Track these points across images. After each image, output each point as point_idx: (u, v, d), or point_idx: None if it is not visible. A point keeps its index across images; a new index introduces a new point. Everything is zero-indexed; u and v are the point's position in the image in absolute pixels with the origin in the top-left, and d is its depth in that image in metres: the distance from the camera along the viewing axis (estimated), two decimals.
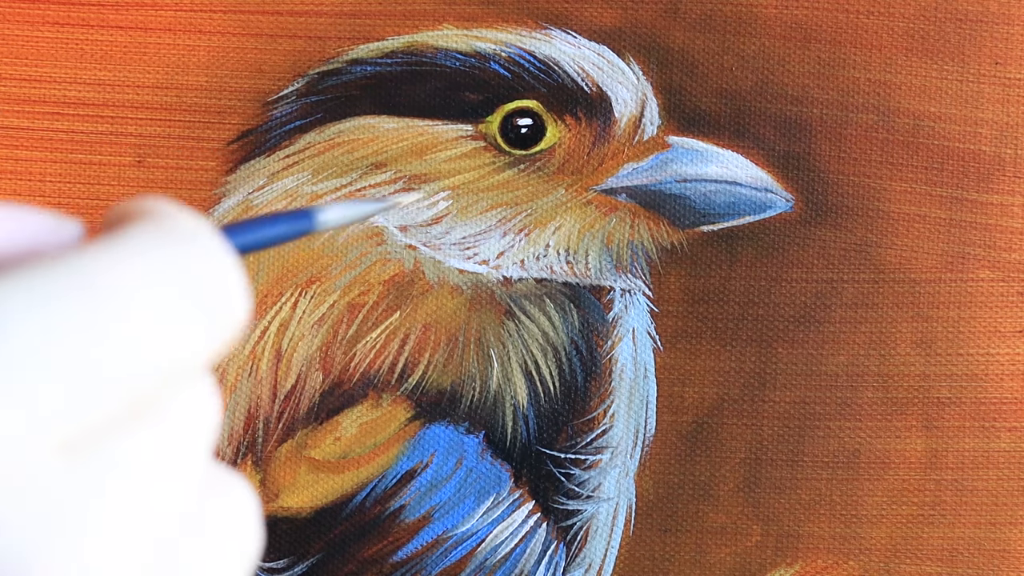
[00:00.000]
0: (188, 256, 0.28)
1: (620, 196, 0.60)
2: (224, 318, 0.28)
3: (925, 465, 0.60)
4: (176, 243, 0.28)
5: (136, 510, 0.27)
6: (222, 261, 0.28)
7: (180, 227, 0.28)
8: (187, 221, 0.28)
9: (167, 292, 0.27)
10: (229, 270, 0.28)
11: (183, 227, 0.28)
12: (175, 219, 0.28)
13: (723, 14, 0.60)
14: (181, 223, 0.28)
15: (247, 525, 0.29)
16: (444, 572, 0.59)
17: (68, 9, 0.61)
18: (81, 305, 0.26)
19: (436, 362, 0.59)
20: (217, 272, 0.28)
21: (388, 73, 0.60)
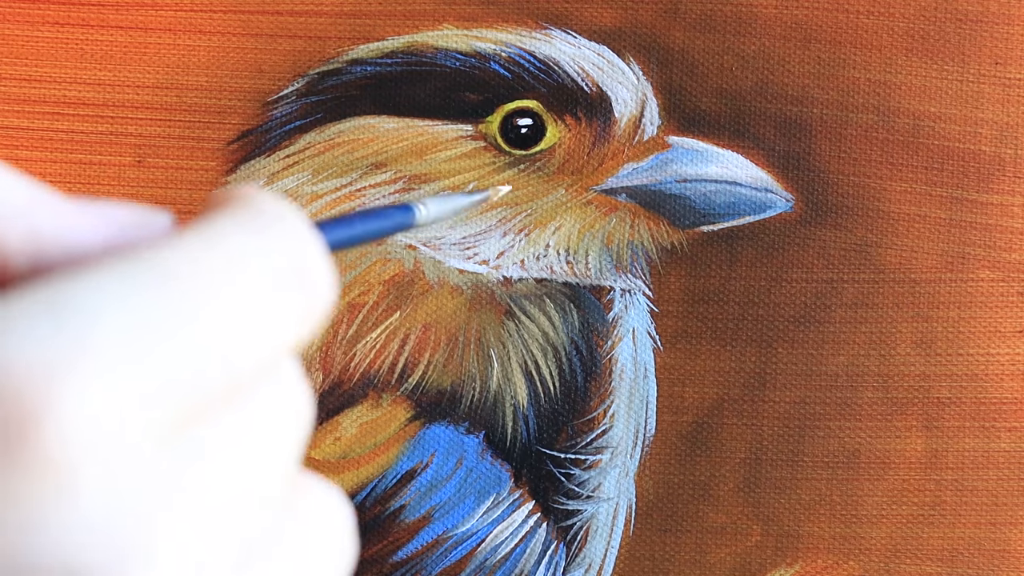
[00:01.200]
0: (278, 240, 0.28)
1: (620, 196, 0.60)
2: (312, 302, 0.28)
3: (925, 465, 0.60)
4: (266, 227, 0.28)
5: (226, 498, 0.27)
6: (310, 245, 0.29)
7: (269, 211, 0.29)
8: (275, 205, 0.29)
9: (258, 276, 0.27)
10: (316, 254, 0.29)
11: (272, 211, 0.29)
12: (264, 204, 0.29)
13: (723, 14, 0.60)
14: (269, 207, 0.29)
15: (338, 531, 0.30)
16: (444, 572, 0.59)
17: (68, 9, 0.61)
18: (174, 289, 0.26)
19: (436, 362, 0.59)
20: (305, 256, 0.28)
21: (388, 73, 0.60)
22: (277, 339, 0.28)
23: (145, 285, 0.26)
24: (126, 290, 0.26)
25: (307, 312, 0.28)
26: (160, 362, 0.26)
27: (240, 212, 0.28)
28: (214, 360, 0.27)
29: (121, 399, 0.25)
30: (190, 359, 0.26)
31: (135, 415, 0.26)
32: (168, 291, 0.26)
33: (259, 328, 0.27)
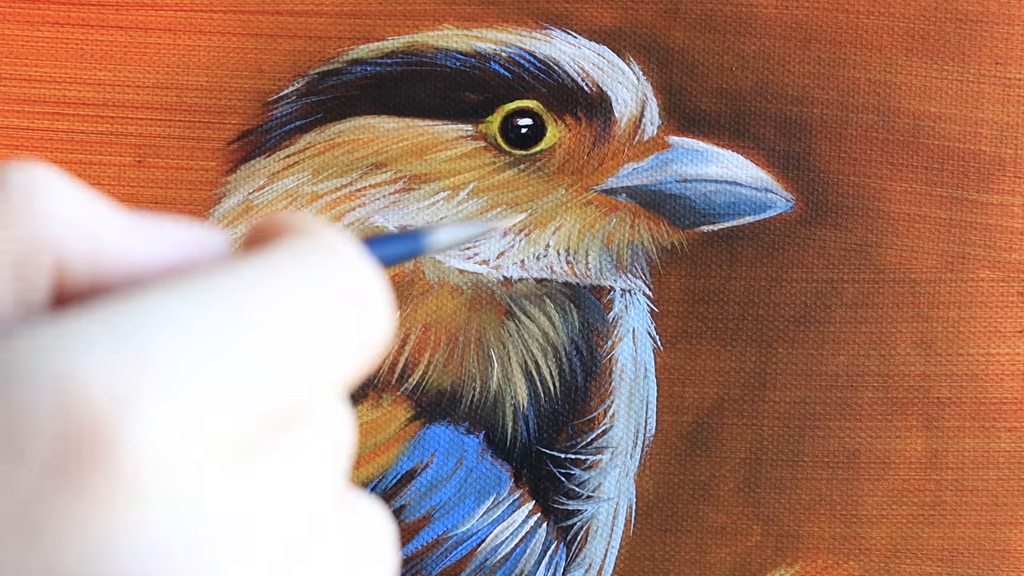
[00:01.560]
0: (338, 267, 0.28)
1: (620, 196, 0.60)
2: (370, 329, 0.29)
3: (925, 465, 0.60)
4: (325, 254, 0.29)
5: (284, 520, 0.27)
6: (371, 275, 0.29)
7: (327, 240, 0.29)
8: (332, 234, 0.29)
9: (318, 302, 0.28)
10: (378, 283, 0.29)
11: (330, 240, 0.29)
12: (321, 232, 0.29)
13: (723, 14, 0.60)
14: (327, 236, 0.29)
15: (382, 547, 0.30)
16: (444, 572, 0.59)
17: (68, 9, 0.61)
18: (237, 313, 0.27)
19: (436, 362, 0.59)
20: (367, 285, 0.29)
21: (388, 73, 0.60)
22: (335, 367, 0.28)
23: (208, 307, 0.26)
24: (189, 311, 0.26)
25: (366, 339, 0.29)
26: (223, 384, 0.26)
27: (298, 239, 0.29)
28: (274, 385, 0.27)
29: (187, 421, 0.26)
30: (251, 383, 0.26)
31: (202, 437, 0.26)
32: (231, 314, 0.26)
33: (318, 355, 0.28)
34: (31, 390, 0.25)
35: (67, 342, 0.25)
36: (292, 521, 0.27)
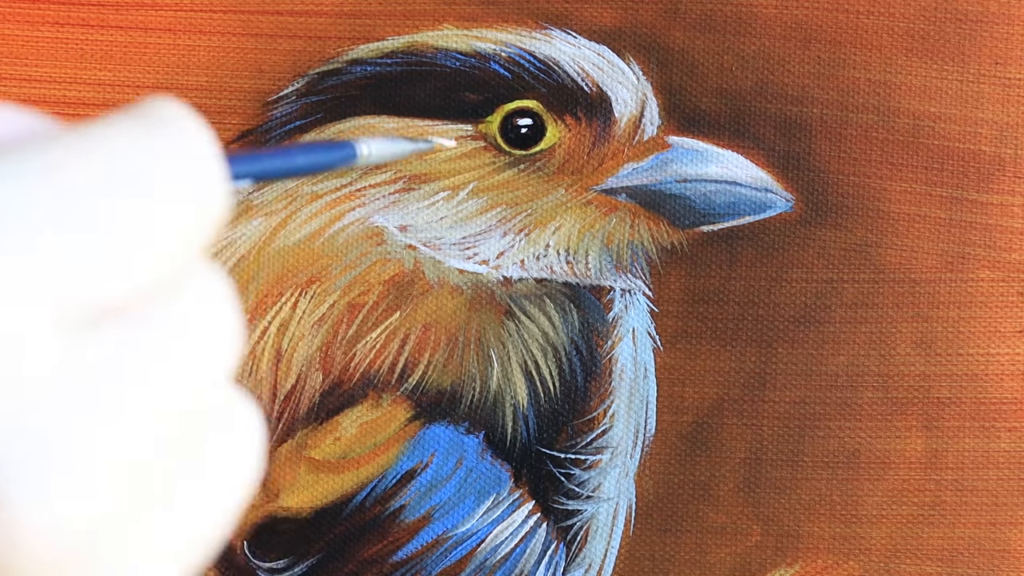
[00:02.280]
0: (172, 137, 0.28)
1: (620, 196, 0.60)
2: (206, 202, 0.28)
3: (925, 465, 0.60)
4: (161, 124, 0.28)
5: (145, 402, 0.26)
6: (204, 146, 0.28)
7: (166, 112, 0.28)
8: (173, 108, 0.29)
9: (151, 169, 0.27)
10: (210, 155, 0.28)
11: (169, 113, 0.28)
12: (162, 107, 0.29)
13: (723, 14, 0.60)
14: (167, 110, 0.28)
15: (250, 450, 0.29)
16: (444, 572, 0.59)
17: (68, 9, 0.61)
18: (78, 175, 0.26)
19: (436, 362, 0.59)
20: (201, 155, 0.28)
21: (388, 73, 0.60)
22: (176, 236, 0.27)
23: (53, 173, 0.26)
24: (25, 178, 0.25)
25: (200, 213, 0.28)
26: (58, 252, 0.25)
27: (137, 112, 0.28)
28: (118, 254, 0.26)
29: (24, 284, 0.25)
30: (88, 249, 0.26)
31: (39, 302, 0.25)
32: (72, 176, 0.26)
33: (156, 221, 0.27)
34: None
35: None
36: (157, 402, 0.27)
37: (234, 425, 0.29)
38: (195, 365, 0.28)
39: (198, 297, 0.28)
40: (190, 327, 0.28)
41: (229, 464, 0.29)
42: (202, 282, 0.28)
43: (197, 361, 0.28)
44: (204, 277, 0.28)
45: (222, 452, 0.29)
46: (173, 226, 0.27)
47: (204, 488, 0.28)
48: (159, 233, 0.27)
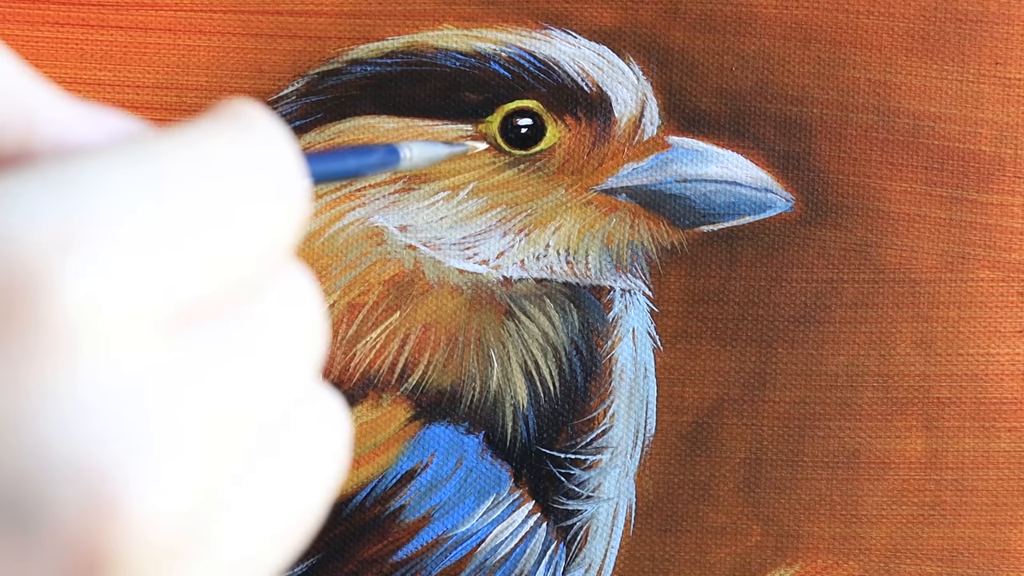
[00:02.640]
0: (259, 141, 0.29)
1: (620, 196, 0.60)
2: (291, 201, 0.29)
3: (925, 465, 0.60)
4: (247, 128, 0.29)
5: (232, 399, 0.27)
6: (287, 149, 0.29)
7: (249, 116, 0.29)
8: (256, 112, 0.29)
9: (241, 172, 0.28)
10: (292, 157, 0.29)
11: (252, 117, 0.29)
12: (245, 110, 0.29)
13: (723, 14, 0.60)
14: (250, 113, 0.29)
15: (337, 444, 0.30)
16: (444, 572, 0.59)
17: (68, 9, 0.61)
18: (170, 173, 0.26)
19: (436, 362, 0.59)
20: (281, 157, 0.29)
21: (388, 73, 0.60)
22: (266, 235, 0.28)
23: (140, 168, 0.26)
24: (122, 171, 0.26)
25: (288, 212, 0.29)
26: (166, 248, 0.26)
27: (222, 115, 0.29)
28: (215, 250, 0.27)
29: (131, 280, 0.25)
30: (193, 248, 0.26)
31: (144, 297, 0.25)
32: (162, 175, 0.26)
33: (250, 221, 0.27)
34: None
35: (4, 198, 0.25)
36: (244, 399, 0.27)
37: (322, 420, 0.29)
38: (286, 361, 0.28)
39: (286, 295, 0.29)
40: (280, 325, 0.28)
41: (317, 458, 0.29)
42: (289, 280, 0.29)
43: (288, 357, 0.28)
44: (291, 276, 0.29)
45: (310, 446, 0.29)
46: (263, 225, 0.28)
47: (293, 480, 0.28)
48: (250, 231, 0.28)
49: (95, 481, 0.25)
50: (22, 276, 0.24)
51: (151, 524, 0.25)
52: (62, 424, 0.24)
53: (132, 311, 0.25)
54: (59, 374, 0.25)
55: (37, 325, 0.24)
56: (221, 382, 0.27)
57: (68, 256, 0.25)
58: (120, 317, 0.25)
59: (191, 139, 0.28)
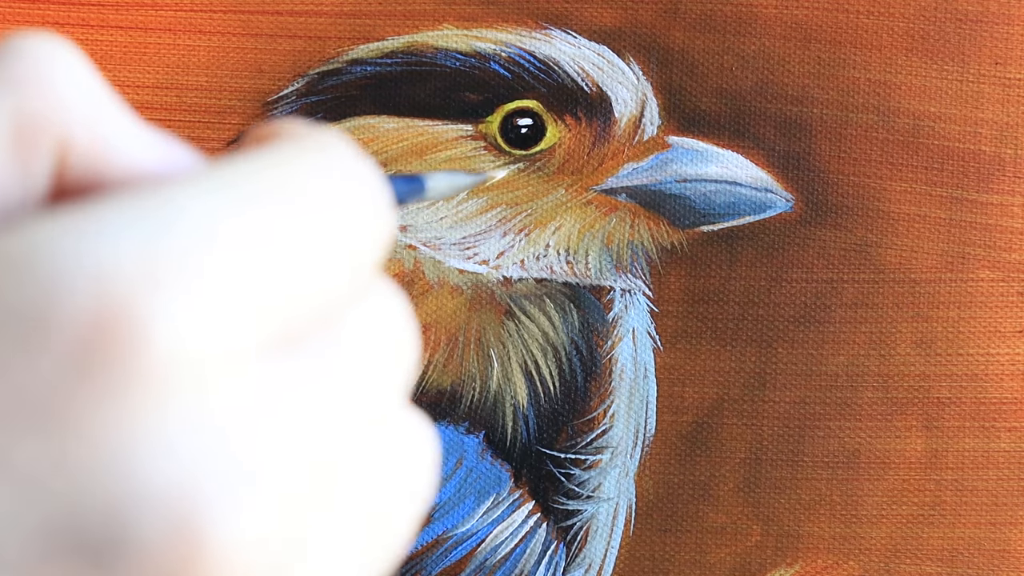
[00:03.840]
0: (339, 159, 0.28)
1: (620, 196, 0.60)
2: (379, 216, 0.28)
3: (925, 465, 0.60)
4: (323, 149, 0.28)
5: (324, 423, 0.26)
6: (365, 163, 0.29)
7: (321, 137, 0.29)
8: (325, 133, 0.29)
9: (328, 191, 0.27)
10: (372, 171, 0.29)
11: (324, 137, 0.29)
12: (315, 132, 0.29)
13: (723, 14, 0.60)
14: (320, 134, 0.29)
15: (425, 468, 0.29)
16: (444, 572, 0.59)
17: (68, 9, 0.61)
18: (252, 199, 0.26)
19: (436, 362, 0.59)
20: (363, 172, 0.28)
21: (388, 73, 0.60)
22: (356, 254, 0.28)
23: (223, 196, 0.26)
24: (207, 201, 0.25)
25: (377, 227, 0.28)
26: (255, 277, 0.25)
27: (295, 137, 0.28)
28: (304, 274, 0.26)
29: (221, 312, 0.25)
30: (283, 273, 0.26)
31: (233, 329, 0.25)
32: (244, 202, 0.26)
33: (339, 241, 0.27)
34: (54, 278, 0.24)
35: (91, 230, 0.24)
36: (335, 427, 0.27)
37: (409, 444, 0.29)
38: (376, 384, 0.28)
39: (375, 316, 0.28)
40: (370, 347, 0.28)
41: (405, 483, 0.29)
42: (378, 299, 0.29)
43: (378, 379, 0.28)
44: (380, 294, 0.29)
45: (398, 471, 0.28)
46: (349, 246, 0.27)
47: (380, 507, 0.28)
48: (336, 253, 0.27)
49: (183, 515, 0.24)
50: (110, 311, 0.24)
51: (238, 555, 0.25)
52: (152, 460, 0.24)
53: (222, 344, 0.25)
54: (149, 411, 0.24)
55: (127, 361, 0.24)
56: (310, 410, 0.26)
57: (157, 290, 0.24)
58: (210, 351, 0.25)
59: (269, 163, 0.27)
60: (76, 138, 0.27)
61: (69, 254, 0.24)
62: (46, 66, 0.27)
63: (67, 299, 0.24)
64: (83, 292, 0.24)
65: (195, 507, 0.24)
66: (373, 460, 0.28)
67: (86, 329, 0.24)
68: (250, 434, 0.25)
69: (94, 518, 0.24)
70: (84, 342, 0.24)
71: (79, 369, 0.24)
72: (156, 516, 0.24)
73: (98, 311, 0.24)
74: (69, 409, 0.24)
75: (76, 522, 0.24)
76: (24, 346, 0.24)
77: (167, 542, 0.24)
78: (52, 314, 0.24)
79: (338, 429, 0.27)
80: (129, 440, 0.24)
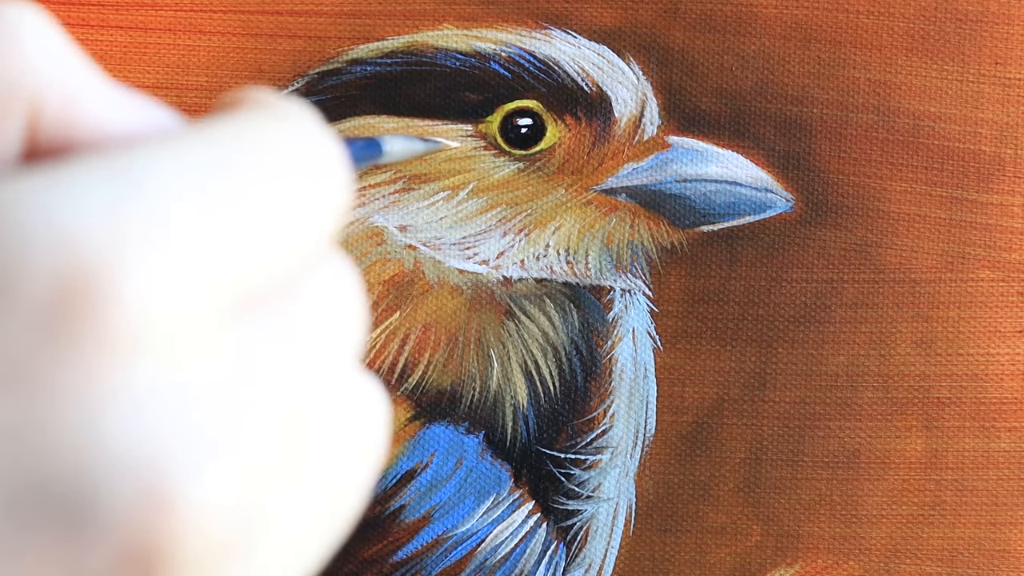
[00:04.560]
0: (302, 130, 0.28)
1: (620, 196, 0.60)
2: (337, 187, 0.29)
3: (925, 465, 0.60)
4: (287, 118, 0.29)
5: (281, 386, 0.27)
6: (326, 136, 0.29)
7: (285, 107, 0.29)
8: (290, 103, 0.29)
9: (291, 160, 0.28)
10: (333, 143, 0.29)
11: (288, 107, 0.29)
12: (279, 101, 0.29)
13: (723, 14, 0.60)
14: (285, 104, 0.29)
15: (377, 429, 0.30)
16: (444, 572, 0.59)
17: (68, 9, 0.61)
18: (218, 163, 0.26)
19: (436, 362, 0.59)
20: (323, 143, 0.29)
21: (388, 73, 0.60)
22: (316, 221, 0.28)
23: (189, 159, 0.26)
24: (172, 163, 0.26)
25: (336, 196, 0.29)
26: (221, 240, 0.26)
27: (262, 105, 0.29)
28: (266, 239, 0.27)
29: (187, 273, 0.25)
30: (246, 238, 0.26)
31: (199, 290, 0.25)
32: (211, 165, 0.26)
33: (301, 209, 0.27)
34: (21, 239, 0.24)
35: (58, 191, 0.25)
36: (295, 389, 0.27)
37: (363, 404, 0.29)
38: (331, 347, 0.28)
39: (329, 282, 0.29)
40: (325, 312, 0.28)
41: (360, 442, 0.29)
42: (331, 267, 0.29)
43: (332, 343, 0.28)
44: (333, 262, 0.29)
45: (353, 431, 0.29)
46: (311, 212, 0.28)
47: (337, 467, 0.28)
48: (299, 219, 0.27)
49: (152, 478, 0.25)
50: (76, 270, 0.24)
51: (207, 518, 0.25)
52: (119, 422, 0.24)
53: (186, 305, 0.25)
54: (116, 371, 0.24)
55: (94, 321, 0.24)
56: (270, 374, 0.27)
57: (122, 251, 0.24)
58: (175, 311, 0.25)
59: (235, 130, 0.27)
60: (47, 100, 0.27)
61: (36, 214, 0.24)
62: (15, 29, 0.27)
63: (33, 259, 0.24)
64: (49, 252, 0.24)
65: (163, 471, 0.25)
66: (332, 421, 0.28)
67: (53, 288, 0.24)
68: (215, 397, 0.25)
69: (64, 483, 0.24)
70: (51, 301, 0.24)
71: (46, 328, 0.24)
72: (124, 479, 0.24)
73: (64, 271, 0.24)
74: (37, 369, 0.24)
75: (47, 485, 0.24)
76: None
77: (135, 506, 0.24)
78: (19, 273, 0.24)
79: (300, 391, 0.27)
80: (96, 401, 0.24)
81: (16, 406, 0.24)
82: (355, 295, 0.29)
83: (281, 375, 0.27)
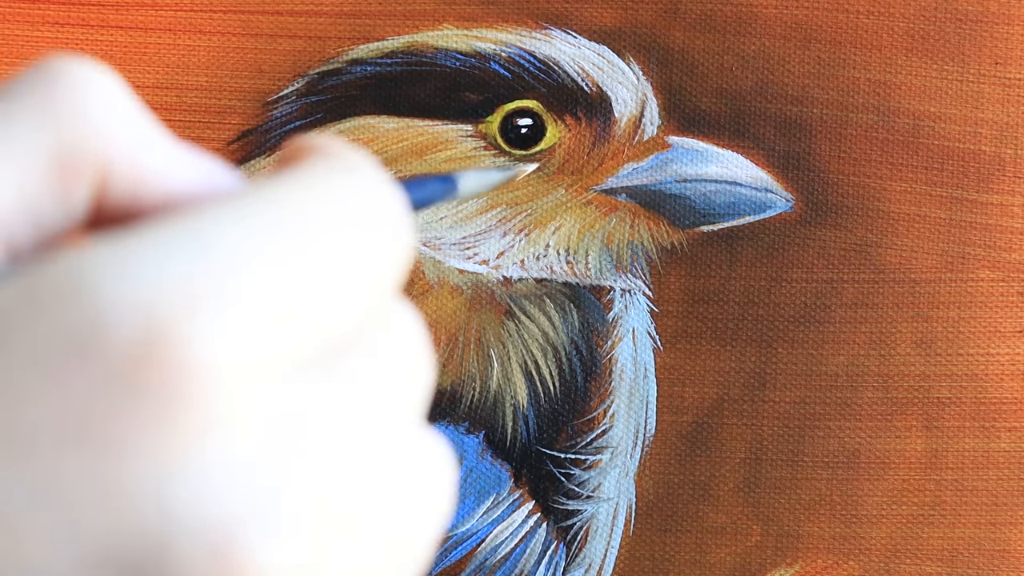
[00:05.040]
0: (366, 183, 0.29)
1: (620, 196, 0.60)
2: (401, 242, 0.29)
3: (925, 465, 0.60)
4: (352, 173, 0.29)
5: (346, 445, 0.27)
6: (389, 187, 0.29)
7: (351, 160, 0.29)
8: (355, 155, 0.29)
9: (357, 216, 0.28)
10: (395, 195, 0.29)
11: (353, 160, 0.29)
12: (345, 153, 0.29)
13: (723, 14, 0.60)
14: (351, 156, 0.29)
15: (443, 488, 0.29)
16: (444, 572, 0.59)
17: (68, 9, 0.61)
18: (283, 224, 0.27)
19: (436, 362, 0.59)
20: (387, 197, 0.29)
21: (388, 73, 0.60)
22: (380, 276, 0.28)
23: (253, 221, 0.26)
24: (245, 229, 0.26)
25: (399, 250, 0.29)
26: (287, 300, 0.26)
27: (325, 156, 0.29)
28: (331, 297, 0.27)
29: (258, 336, 0.25)
30: (312, 296, 0.26)
31: (268, 352, 0.26)
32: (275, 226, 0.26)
33: (364, 265, 0.28)
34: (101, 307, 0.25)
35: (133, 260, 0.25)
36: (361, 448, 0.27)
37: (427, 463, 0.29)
38: (396, 404, 0.28)
39: (397, 335, 0.29)
40: (390, 368, 0.28)
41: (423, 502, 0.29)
42: (399, 318, 0.29)
43: (398, 400, 0.28)
44: (399, 314, 0.29)
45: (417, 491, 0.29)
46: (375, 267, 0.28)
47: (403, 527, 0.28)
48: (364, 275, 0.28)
49: (222, 542, 0.25)
50: (152, 337, 0.25)
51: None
52: (190, 486, 0.25)
53: (256, 368, 0.25)
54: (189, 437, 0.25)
55: (167, 385, 0.25)
56: (337, 433, 0.27)
57: (195, 315, 0.25)
58: (245, 375, 0.25)
59: (298, 186, 0.28)
60: (115, 164, 0.28)
61: (114, 284, 0.25)
62: (85, 92, 0.27)
63: (113, 328, 0.25)
64: (128, 319, 0.25)
65: (233, 536, 0.25)
66: (396, 480, 0.28)
67: (130, 355, 0.25)
68: (282, 460, 0.26)
69: (137, 542, 0.25)
70: (128, 368, 0.25)
71: (124, 394, 0.25)
72: (195, 543, 0.25)
73: (141, 338, 0.25)
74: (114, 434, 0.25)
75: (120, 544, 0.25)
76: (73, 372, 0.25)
77: (206, 570, 0.25)
78: (99, 342, 0.25)
79: (365, 450, 0.27)
80: (171, 464, 0.25)
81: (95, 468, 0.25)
82: (420, 348, 0.29)
83: (347, 434, 0.27)
